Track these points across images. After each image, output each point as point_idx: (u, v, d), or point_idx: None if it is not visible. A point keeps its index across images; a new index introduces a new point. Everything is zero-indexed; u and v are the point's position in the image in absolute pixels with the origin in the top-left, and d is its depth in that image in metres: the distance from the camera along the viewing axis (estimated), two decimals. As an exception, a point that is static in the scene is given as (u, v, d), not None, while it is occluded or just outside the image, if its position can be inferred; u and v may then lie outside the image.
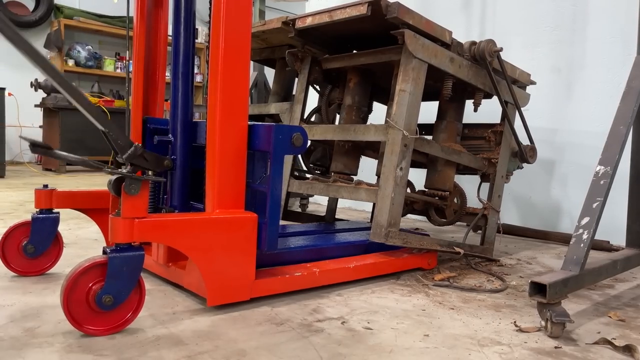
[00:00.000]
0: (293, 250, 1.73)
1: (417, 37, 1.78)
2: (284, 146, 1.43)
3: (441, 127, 2.20)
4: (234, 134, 1.41)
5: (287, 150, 1.44)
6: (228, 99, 1.40)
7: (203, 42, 8.20)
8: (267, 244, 1.43)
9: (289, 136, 1.43)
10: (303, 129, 1.47)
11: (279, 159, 1.43)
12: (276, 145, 1.41)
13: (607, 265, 1.59)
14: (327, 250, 1.82)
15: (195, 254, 1.32)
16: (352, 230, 2.19)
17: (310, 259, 1.74)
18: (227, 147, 1.41)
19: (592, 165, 2.67)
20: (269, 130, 1.41)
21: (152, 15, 1.75)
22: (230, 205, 1.42)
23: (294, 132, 1.44)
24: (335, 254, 1.82)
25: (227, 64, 1.39)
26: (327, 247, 1.83)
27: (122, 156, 1.24)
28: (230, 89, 1.40)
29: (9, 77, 6.75)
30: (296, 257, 1.72)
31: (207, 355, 1.12)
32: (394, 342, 1.24)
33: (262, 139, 1.43)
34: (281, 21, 2.08)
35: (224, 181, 1.41)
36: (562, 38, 2.90)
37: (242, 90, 1.42)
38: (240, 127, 1.43)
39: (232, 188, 1.42)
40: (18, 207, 3.09)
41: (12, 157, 6.64)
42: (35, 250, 1.64)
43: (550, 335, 1.31)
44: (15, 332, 1.20)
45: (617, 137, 1.58)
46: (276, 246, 1.45)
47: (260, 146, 1.44)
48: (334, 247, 1.85)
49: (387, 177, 1.79)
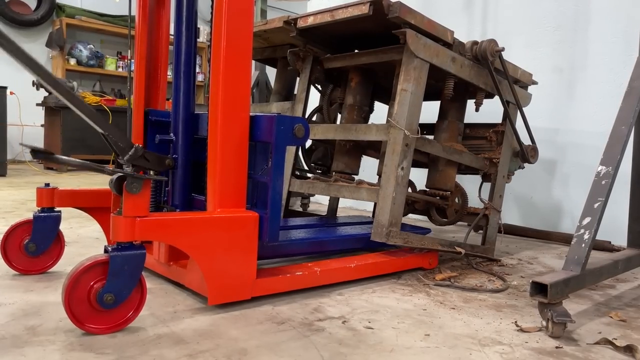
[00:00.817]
0: (295, 243, 1.72)
1: (418, 36, 1.78)
2: (285, 137, 1.42)
3: (443, 126, 2.20)
4: (236, 127, 1.41)
5: (289, 141, 1.43)
6: (230, 91, 1.39)
7: (205, 41, 8.20)
8: (268, 235, 1.43)
9: (290, 127, 1.43)
10: (304, 120, 1.47)
11: (281, 149, 1.43)
12: (278, 135, 1.41)
13: (608, 265, 1.59)
14: (328, 242, 1.81)
15: (196, 253, 1.33)
16: (354, 224, 2.19)
17: (311, 251, 1.73)
18: (229, 141, 1.40)
19: (593, 165, 2.67)
20: (270, 121, 1.41)
21: (154, 14, 1.75)
22: (231, 204, 1.42)
23: (295, 123, 1.44)
24: (337, 247, 1.81)
25: (229, 59, 1.39)
26: (328, 240, 1.82)
27: (123, 158, 1.25)
28: (232, 82, 1.40)
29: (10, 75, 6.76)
30: (298, 249, 1.71)
31: (208, 354, 1.12)
32: (395, 341, 1.24)
33: (263, 129, 1.43)
34: (283, 20, 2.08)
35: (226, 180, 1.41)
36: (564, 38, 2.89)
37: (243, 84, 1.42)
38: (242, 117, 1.42)
39: (234, 187, 1.42)
40: (20, 205, 3.10)
41: (13, 155, 6.65)
42: (36, 248, 1.65)
43: (551, 335, 1.31)
44: (17, 331, 1.20)
45: (618, 137, 1.58)
46: (277, 237, 1.44)
47: (262, 137, 1.44)
48: (336, 239, 1.84)
49: (388, 176, 1.79)
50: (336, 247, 1.81)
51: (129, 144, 1.25)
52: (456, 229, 3.01)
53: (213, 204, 1.41)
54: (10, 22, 6.89)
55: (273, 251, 1.63)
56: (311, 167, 2.56)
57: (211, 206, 1.42)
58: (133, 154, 1.25)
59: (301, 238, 1.77)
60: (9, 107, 4.96)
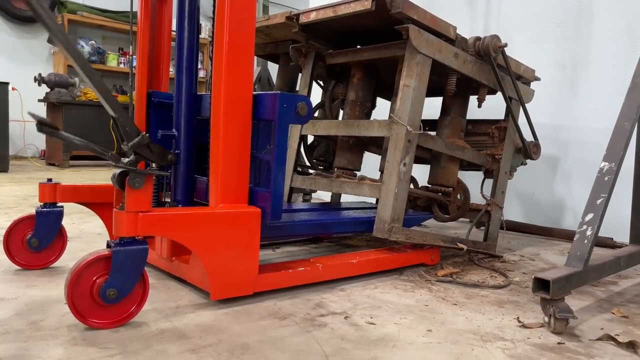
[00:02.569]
0: (298, 224, 1.71)
1: (421, 32, 1.77)
2: (288, 115, 1.42)
3: (445, 122, 2.20)
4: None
5: (292, 119, 1.43)
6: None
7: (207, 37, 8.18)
8: (271, 214, 1.42)
9: (293, 105, 1.43)
10: (307, 98, 1.46)
11: (284, 127, 1.42)
12: (281, 113, 1.40)
13: (610, 261, 1.59)
14: (331, 224, 1.81)
15: (198, 248, 1.33)
16: (357, 209, 2.19)
17: (314, 233, 1.71)
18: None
19: (596, 161, 2.66)
20: (273, 99, 1.40)
21: (156, 10, 1.75)
22: (233, 200, 1.42)
23: (298, 101, 1.43)
24: (340, 230, 1.80)
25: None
26: (331, 222, 1.82)
27: (127, 144, 1.24)
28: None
29: (12, 71, 6.77)
30: (301, 230, 1.70)
31: (211, 349, 1.12)
32: (397, 336, 1.24)
33: (267, 107, 1.42)
34: (285, 16, 2.08)
35: (228, 177, 1.41)
36: (567, 34, 2.88)
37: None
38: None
39: (236, 183, 1.42)
40: (22, 201, 3.10)
41: (15, 151, 6.66)
42: (39, 243, 1.65)
43: (554, 331, 1.31)
44: (20, 325, 1.20)
45: (621, 133, 1.58)
46: (280, 216, 1.44)
47: (265, 115, 1.43)
48: (339, 222, 1.84)
49: (390, 172, 1.79)
50: (339, 229, 1.80)
51: (137, 131, 1.26)
52: (458, 225, 3.01)
53: (215, 200, 1.41)
54: (12, 18, 6.90)
55: (276, 232, 1.62)
56: (313, 163, 2.56)
57: (213, 201, 1.42)
58: (139, 141, 1.25)
59: (304, 219, 1.77)
60: (11, 103, 4.96)
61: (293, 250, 2.13)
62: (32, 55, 7.16)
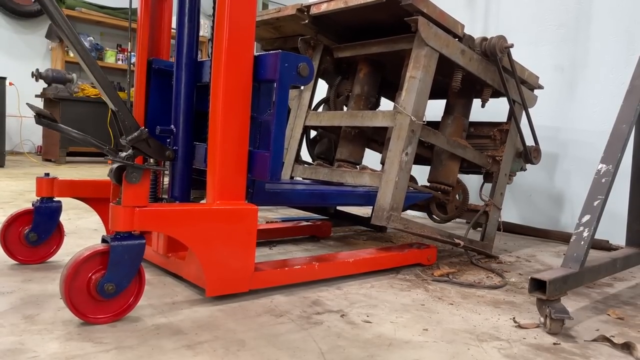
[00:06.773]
0: (296, 192, 1.71)
1: (430, 25, 1.78)
2: (290, 75, 1.41)
3: (448, 121, 2.21)
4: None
5: (293, 80, 1.42)
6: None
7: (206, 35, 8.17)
8: (270, 172, 1.41)
9: (295, 65, 1.41)
10: (309, 59, 1.45)
11: (285, 88, 1.41)
12: (282, 73, 1.39)
13: (606, 263, 1.59)
14: (330, 195, 1.80)
15: (195, 245, 1.32)
16: (357, 187, 2.20)
17: (313, 203, 1.71)
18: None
19: (593, 163, 2.67)
20: (275, 58, 1.39)
21: (156, 7, 1.75)
22: (230, 197, 1.41)
23: (300, 61, 1.42)
24: (339, 201, 1.80)
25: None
26: (330, 192, 1.82)
27: (126, 137, 1.24)
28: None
29: (10, 66, 6.74)
30: (299, 199, 1.70)
31: (207, 345, 1.12)
32: (393, 335, 1.24)
33: (268, 67, 1.41)
34: (296, 8, 2.08)
35: (225, 172, 1.40)
36: (565, 36, 2.89)
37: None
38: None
39: (233, 179, 1.42)
40: (18, 196, 3.09)
41: (12, 147, 6.63)
42: (37, 238, 1.64)
43: (549, 331, 1.31)
44: (15, 320, 1.20)
45: (619, 135, 1.58)
46: (279, 176, 1.43)
47: (266, 75, 1.42)
48: (338, 193, 1.84)
49: (392, 161, 1.79)
50: (338, 201, 1.79)
51: (136, 125, 1.25)
52: (454, 226, 3.01)
53: (212, 196, 1.41)
54: (10, 13, 6.86)
55: (275, 198, 1.60)
56: (314, 158, 2.57)
57: (210, 198, 1.42)
58: (137, 135, 1.25)
59: (303, 188, 1.77)
60: (8, 98, 4.94)
61: (290, 248, 2.13)
62: (30, 51, 7.13)
